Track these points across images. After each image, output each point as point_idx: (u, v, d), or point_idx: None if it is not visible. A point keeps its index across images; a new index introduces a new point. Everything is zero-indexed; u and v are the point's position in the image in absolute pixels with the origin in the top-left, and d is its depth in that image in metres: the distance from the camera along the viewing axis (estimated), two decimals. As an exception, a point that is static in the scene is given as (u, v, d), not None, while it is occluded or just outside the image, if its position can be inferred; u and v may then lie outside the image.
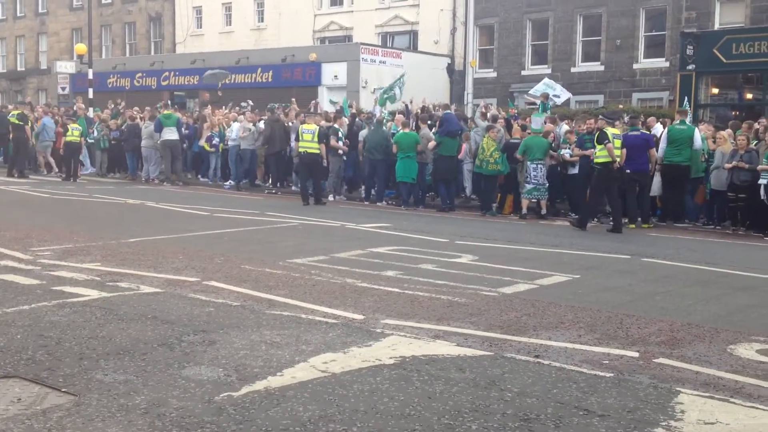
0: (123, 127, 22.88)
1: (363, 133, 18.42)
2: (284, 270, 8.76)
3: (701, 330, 6.53)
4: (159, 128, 20.88)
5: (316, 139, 16.54)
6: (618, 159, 13.51)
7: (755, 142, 14.22)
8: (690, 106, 18.59)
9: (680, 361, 5.60)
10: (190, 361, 5.24)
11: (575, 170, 15.47)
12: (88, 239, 10.69)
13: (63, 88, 32.30)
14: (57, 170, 23.23)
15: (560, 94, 20.32)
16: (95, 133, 23.53)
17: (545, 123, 16.86)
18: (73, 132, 21.72)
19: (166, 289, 7.53)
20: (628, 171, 14.08)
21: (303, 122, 17.54)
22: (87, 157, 24.10)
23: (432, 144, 16.52)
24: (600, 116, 14.84)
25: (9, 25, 48.18)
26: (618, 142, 13.65)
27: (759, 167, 13.26)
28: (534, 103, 21.22)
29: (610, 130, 13.56)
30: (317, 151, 16.61)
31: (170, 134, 20.80)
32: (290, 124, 19.38)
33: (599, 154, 13.55)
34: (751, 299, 8.00)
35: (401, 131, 17.08)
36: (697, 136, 14.56)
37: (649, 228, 14.13)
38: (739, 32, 23.17)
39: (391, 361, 5.35)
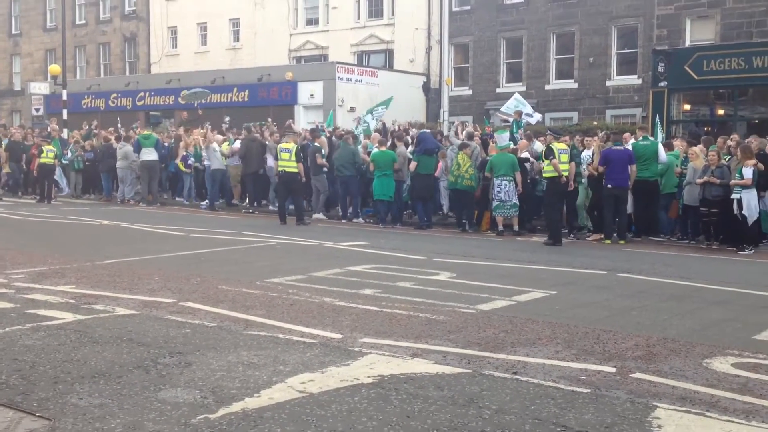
0: (97, 148, 22.75)
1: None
2: (261, 290, 8.72)
3: (677, 344, 6.58)
4: (138, 149, 20.77)
5: (293, 158, 16.53)
6: (564, 174, 13.98)
7: (727, 157, 14.41)
8: (662, 123, 18.83)
9: (657, 375, 5.64)
10: (166, 384, 5.19)
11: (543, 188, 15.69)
12: (62, 261, 10.58)
13: (37, 109, 32.07)
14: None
15: (531, 113, 20.51)
16: (69, 154, 23.37)
17: (520, 139, 16.92)
18: (48, 154, 21.57)
19: (141, 311, 7.46)
20: (609, 186, 14.25)
21: (278, 141, 17.52)
22: (62, 178, 23.93)
23: (413, 165, 16.55)
24: (548, 132, 15.52)
25: (-18, 46, 47.85)
26: (564, 157, 14.11)
27: (731, 182, 13.44)
28: (507, 120, 21.35)
29: (556, 146, 14.07)
30: (296, 170, 16.60)
31: (149, 155, 20.72)
32: (267, 143, 19.36)
33: (546, 169, 14.12)
34: (726, 313, 8.07)
35: (378, 149, 17.11)
36: (662, 150, 14.76)
37: (625, 244, 14.24)
38: (709, 49, 23.52)
39: (370, 380, 5.33)
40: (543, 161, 14.32)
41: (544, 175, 14.29)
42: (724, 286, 9.64)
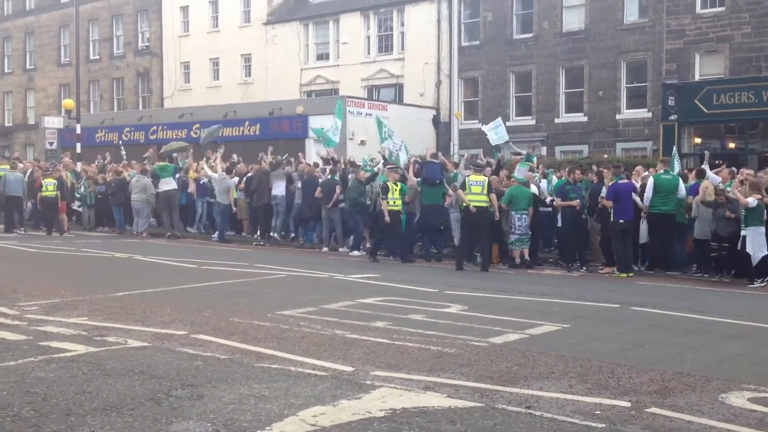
0: (110, 182, 22.91)
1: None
2: (273, 322, 8.71)
3: (692, 379, 6.52)
4: (156, 179, 20.89)
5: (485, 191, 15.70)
6: (472, 204, 14.80)
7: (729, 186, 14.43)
8: (679, 156, 18.82)
9: (672, 410, 5.58)
10: (178, 416, 5.17)
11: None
12: (75, 294, 10.61)
13: (51, 143, 32.33)
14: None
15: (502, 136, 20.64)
16: (82, 189, 23.53)
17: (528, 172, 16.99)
18: (48, 187, 21.71)
19: (153, 343, 7.46)
20: (621, 221, 14.20)
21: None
22: (83, 209, 23.99)
23: (412, 182, 16.64)
24: (470, 164, 16.55)
25: (-3, 81, 48.53)
26: (477, 189, 14.88)
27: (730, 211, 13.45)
28: (520, 153, 21.37)
29: (471, 178, 15.07)
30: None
31: (167, 185, 20.82)
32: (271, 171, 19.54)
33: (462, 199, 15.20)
34: (741, 348, 8.00)
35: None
36: (682, 185, 14.72)
37: (630, 277, 14.18)
38: (719, 83, 23.63)
39: (382, 414, 5.30)
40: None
41: (461, 204, 15.19)
42: (738, 320, 9.56)
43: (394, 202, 15.80)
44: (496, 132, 20.20)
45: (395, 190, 15.86)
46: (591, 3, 28.67)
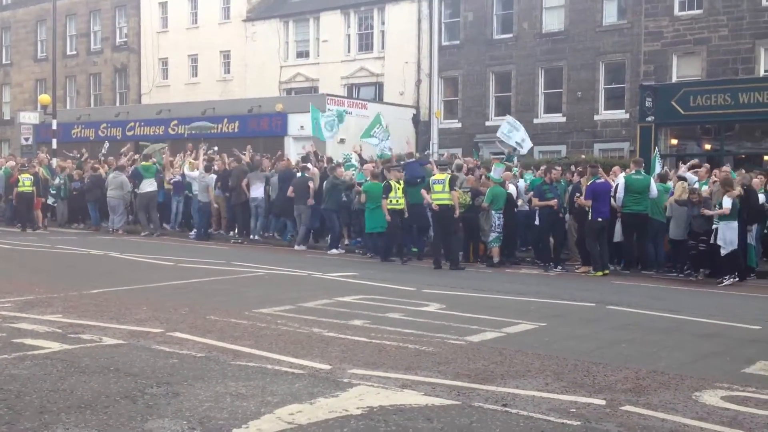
0: (85, 178, 22.71)
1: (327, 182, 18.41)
2: (250, 320, 8.68)
3: (667, 377, 6.58)
4: (139, 178, 20.71)
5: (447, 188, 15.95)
6: (434, 202, 15.05)
7: (704, 185, 14.68)
8: (660, 158, 18.99)
9: (646, 408, 5.63)
10: (153, 414, 5.14)
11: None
12: (49, 290, 10.51)
13: (26, 139, 31.96)
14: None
15: (521, 141, 20.57)
16: (57, 182, 23.28)
17: (504, 172, 17.08)
18: (25, 182, 21.49)
19: (129, 341, 7.41)
20: (600, 219, 14.36)
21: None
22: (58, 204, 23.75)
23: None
24: (437, 163, 16.87)
25: (-28, 76, 47.90)
26: (438, 187, 15.04)
27: (708, 212, 13.61)
28: (502, 152, 21.43)
29: (435, 177, 15.35)
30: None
31: (149, 186, 20.67)
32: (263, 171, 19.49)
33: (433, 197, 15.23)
34: (715, 346, 8.09)
35: (370, 181, 17.07)
36: (653, 185, 14.86)
37: (606, 275, 14.29)
38: (696, 85, 23.84)
39: (359, 412, 5.30)
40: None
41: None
42: (712, 319, 9.66)
43: (397, 201, 15.76)
44: (512, 128, 20.22)
45: (398, 188, 15.82)
46: (570, 4, 28.86)
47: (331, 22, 34.57)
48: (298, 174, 18.65)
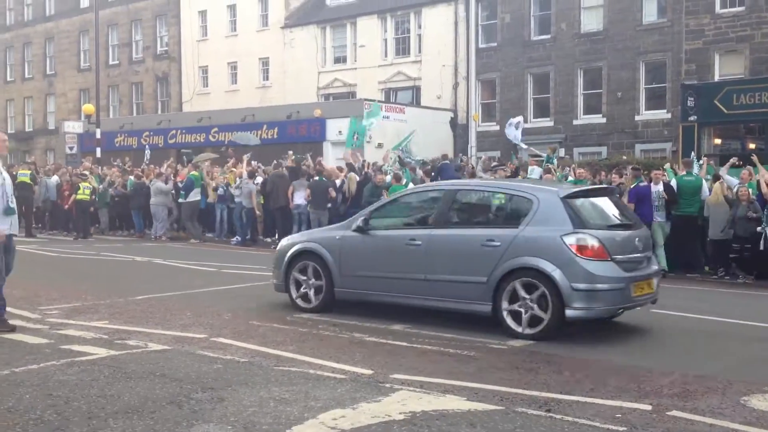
0: (127, 185, 23.09)
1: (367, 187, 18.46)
2: (292, 325, 8.74)
3: (714, 382, 6.47)
4: (190, 188, 20.96)
5: None
6: None
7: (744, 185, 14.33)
8: (697, 158, 18.66)
9: (694, 413, 5.54)
10: (199, 419, 5.20)
11: None
12: (95, 297, 10.68)
13: (71, 148, 32.59)
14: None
15: (519, 139, 20.58)
16: (103, 188, 23.67)
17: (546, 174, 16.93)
18: (84, 191, 21.88)
19: (173, 347, 7.50)
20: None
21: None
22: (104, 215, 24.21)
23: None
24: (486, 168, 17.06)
25: (17, 86, 48.95)
26: None
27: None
28: (539, 156, 21.32)
29: None
30: None
31: (196, 195, 21.01)
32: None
33: None
34: (764, 350, 7.93)
35: (394, 184, 17.02)
36: (705, 186, 14.61)
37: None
38: (739, 83, 23.43)
39: (401, 417, 5.30)
40: None
41: None
42: (760, 323, 9.47)
43: None
44: (516, 127, 20.18)
45: None
46: (609, 4, 28.55)
47: (368, 27, 34.67)
48: (315, 178, 18.76)
